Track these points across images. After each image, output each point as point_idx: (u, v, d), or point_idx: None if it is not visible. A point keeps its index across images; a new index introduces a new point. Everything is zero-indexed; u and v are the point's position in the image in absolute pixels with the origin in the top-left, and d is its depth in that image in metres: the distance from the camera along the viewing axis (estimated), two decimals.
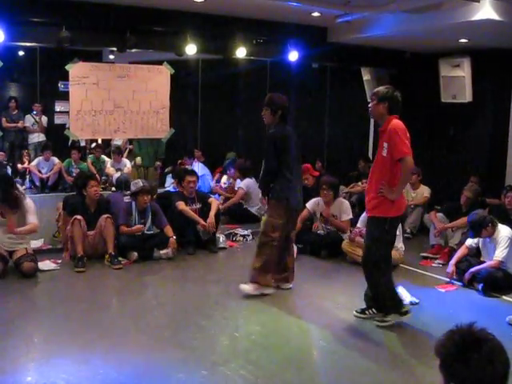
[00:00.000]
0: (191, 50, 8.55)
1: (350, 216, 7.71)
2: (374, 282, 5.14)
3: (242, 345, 4.68)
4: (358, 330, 5.08)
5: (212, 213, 7.78)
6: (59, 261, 6.90)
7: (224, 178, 11.00)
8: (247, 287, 5.81)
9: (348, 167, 11.21)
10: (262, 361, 4.35)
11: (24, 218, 6.46)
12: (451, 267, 6.47)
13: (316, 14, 8.12)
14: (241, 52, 8.92)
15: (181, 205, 7.68)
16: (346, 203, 7.85)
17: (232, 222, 9.10)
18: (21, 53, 13.53)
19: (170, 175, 12.14)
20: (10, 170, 11.47)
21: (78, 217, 6.87)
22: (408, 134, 4.98)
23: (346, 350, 4.67)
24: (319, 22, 8.80)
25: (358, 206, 8.55)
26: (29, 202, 6.60)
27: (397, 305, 5.18)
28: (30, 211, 6.54)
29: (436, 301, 5.69)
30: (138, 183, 7.47)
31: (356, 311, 5.40)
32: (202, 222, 7.66)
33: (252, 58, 9.52)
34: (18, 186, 7.27)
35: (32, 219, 6.51)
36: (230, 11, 8.16)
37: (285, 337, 4.90)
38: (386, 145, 4.93)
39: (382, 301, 5.17)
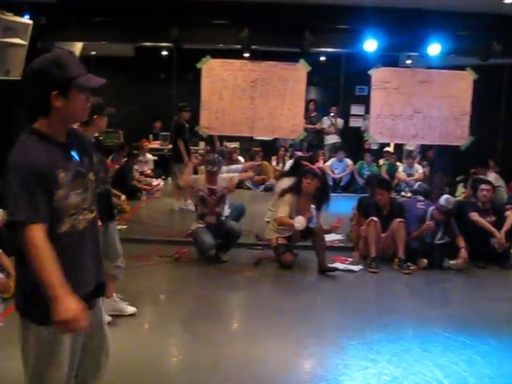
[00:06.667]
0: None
1: None
2: None
3: None
4: None
5: (504, 229, 7.32)
6: (350, 259, 7.15)
7: None
8: None
9: None
10: None
11: None
12: None
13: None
14: None
15: (474, 216, 7.40)
16: None
17: None
18: (322, 58, 14.28)
19: (462, 184, 11.78)
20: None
21: (374, 218, 7.01)
22: None
23: None
24: None
25: None
26: None
27: None
28: None
29: None
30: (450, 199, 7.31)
31: None
32: (497, 233, 7.27)
33: None
34: None
35: None
36: None
37: None
38: None
39: None
